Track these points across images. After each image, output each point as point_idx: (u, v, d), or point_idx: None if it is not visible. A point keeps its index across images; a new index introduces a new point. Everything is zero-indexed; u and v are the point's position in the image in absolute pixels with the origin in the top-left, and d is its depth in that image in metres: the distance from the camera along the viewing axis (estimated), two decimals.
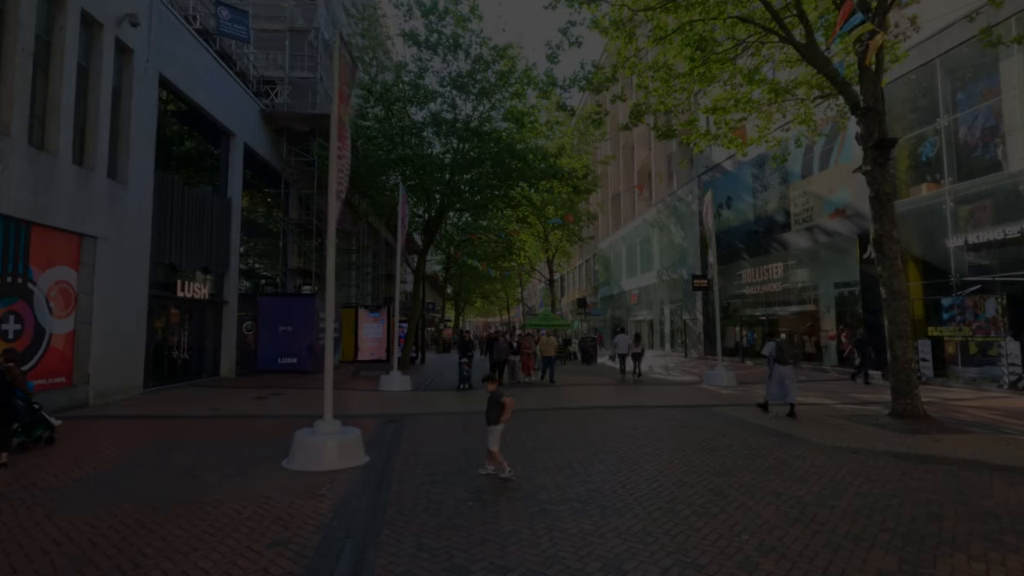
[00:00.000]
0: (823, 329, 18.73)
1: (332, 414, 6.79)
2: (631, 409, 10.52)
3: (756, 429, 8.33)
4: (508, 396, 5.85)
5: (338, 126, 7.15)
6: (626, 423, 8.97)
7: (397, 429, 8.66)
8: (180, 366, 14.43)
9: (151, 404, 10.90)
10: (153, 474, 6.00)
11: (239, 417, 9.65)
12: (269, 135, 19.08)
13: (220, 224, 15.87)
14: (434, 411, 10.51)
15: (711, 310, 26.23)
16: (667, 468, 6.13)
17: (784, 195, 20.24)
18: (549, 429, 8.49)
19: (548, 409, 10.61)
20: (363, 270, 29.76)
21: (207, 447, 7.30)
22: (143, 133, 12.09)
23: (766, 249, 21.33)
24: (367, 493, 5.33)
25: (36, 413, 7.18)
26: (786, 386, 9.40)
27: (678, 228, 29.72)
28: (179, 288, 14.04)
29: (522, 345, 15.96)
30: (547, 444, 7.41)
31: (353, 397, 12.60)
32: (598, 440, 7.63)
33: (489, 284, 54.13)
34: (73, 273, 10.26)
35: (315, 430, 6.58)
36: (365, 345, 18.58)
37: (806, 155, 18.98)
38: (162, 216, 13.12)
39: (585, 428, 8.56)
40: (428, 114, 19.30)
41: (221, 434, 8.17)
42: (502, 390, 5.98)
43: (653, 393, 13.22)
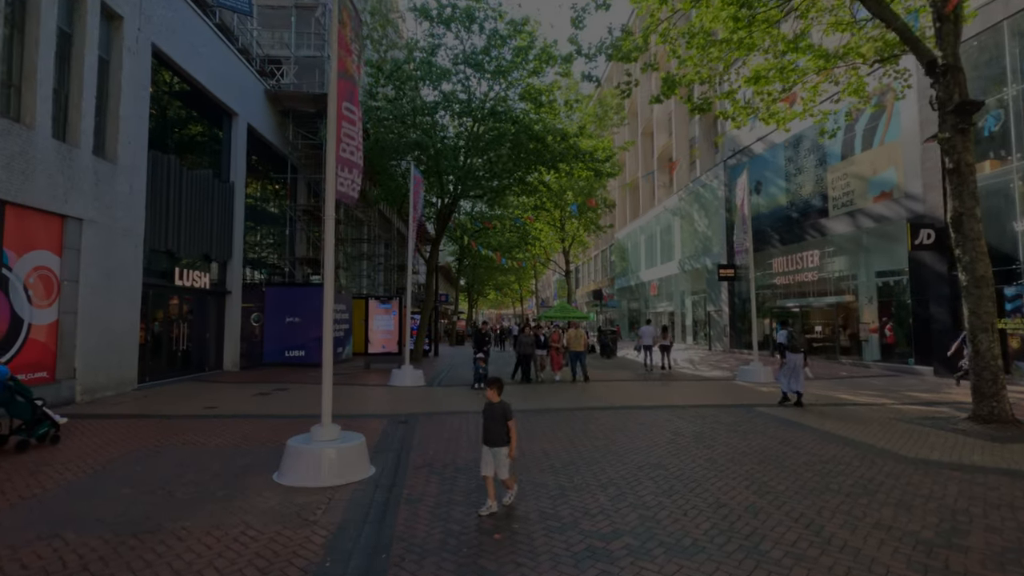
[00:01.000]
0: (863, 321, 17.44)
1: (331, 417, 5.82)
2: (667, 409, 9.45)
3: (819, 436, 7.23)
4: (512, 413, 4.63)
5: (346, 83, 6.13)
6: (666, 427, 7.91)
7: (407, 432, 7.69)
8: (179, 360, 13.61)
9: (143, 402, 10.06)
10: (121, 490, 5.08)
11: (235, 417, 8.75)
12: (274, 117, 18.16)
13: (222, 209, 14.99)
14: (448, 410, 9.53)
15: (738, 301, 25.03)
16: (731, 488, 5.08)
17: (821, 178, 18.90)
18: (579, 434, 7.47)
19: (575, 409, 9.58)
20: (374, 260, 28.90)
21: (192, 454, 6.38)
22: (135, 109, 11.19)
23: (800, 236, 20.03)
24: (370, 520, 4.35)
25: (38, 410, 6.66)
26: (796, 375, 9.60)
27: (702, 216, 28.42)
28: (178, 277, 13.20)
29: (551, 338, 14.43)
30: (581, 454, 6.38)
31: (361, 394, 11.68)
32: (640, 449, 6.58)
33: (503, 276, 53.18)
34: (55, 258, 9.40)
35: (311, 437, 5.62)
36: (376, 338, 17.69)
37: (847, 134, 17.64)
38: (158, 199, 12.25)
39: (621, 433, 7.52)
40: (441, 95, 18.23)
41: (212, 437, 7.26)
42: (507, 403, 4.64)
43: (686, 390, 12.13)
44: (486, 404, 4.66)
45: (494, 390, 4.67)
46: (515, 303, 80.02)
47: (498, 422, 4.52)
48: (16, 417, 6.56)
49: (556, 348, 14.37)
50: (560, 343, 14.36)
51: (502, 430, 4.51)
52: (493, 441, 4.51)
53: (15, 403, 6.55)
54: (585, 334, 14.08)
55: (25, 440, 6.58)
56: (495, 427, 4.52)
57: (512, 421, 4.54)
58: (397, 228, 33.61)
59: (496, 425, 4.52)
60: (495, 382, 4.73)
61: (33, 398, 6.67)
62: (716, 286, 26.23)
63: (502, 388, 4.75)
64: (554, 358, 14.29)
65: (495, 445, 4.50)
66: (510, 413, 4.56)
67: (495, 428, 4.52)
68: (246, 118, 16.02)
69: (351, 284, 26.59)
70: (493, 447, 4.51)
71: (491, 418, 4.56)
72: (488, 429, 4.55)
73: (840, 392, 11.46)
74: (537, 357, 14.11)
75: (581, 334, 14.06)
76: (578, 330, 14.09)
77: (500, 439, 4.50)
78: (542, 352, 14.25)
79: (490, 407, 4.62)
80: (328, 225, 6.02)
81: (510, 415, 4.55)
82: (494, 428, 4.53)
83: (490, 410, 4.60)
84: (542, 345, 14.26)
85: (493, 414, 4.56)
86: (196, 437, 7.27)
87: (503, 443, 4.49)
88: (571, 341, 14.06)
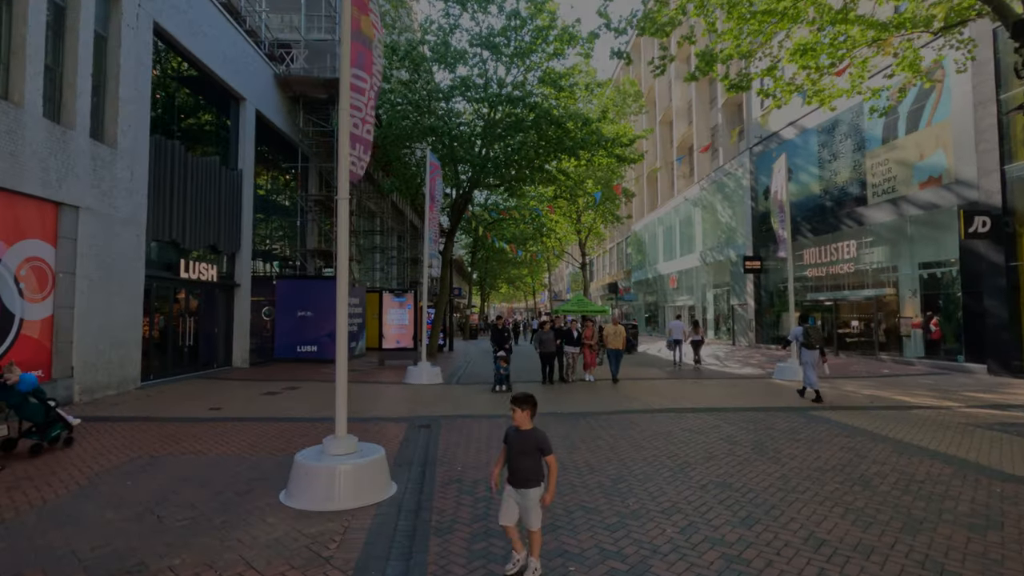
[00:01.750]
0: (903, 316, 16.42)
1: (346, 426, 5.08)
2: (712, 413, 8.62)
3: (895, 446, 6.37)
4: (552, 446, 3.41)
5: (358, 46, 5.35)
6: (717, 433, 7.09)
7: (430, 438, 6.95)
8: (186, 356, 12.99)
9: (145, 402, 9.42)
10: (106, 514, 4.37)
11: (241, 420, 8.06)
12: (284, 103, 17.45)
13: (230, 199, 14.33)
14: (472, 412, 8.78)
15: (764, 294, 24.03)
16: (823, 516, 4.25)
17: (859, 164, 17.83)
18: (623, 443, 6.67)
19: (611, 413, 8.78)
20: (387, 253, 28.23)
21: (191, 466, 5.68)
22: (135, 90, 10.50)
23: (834, 226, 18.98)
24: (394, 557, 3.60)
25: (51, 411, 6.28)
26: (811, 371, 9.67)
27: (725, 206, 27.37)
28: (183, 269, 12.55)
29: (584, 334, 12.83)
30: (630, 468, 5.59)
31: (376, 393, 10.97)
32: (696, 462, 5.78)
33: (515, 269, 52.39)
34: (50, 249, 8.75)
35: (324, 450, 4.88)
36: (390, 332, 17.00)
37: (889, 116, 16.55)
38: (161, 187, 11.59)
39: (668, 441, 6.71)
40: (457, 79, 17.42)
41: (214, 445, 6.56)
42: (542, 432, 3.42)
43: (724, 391, 11.28)
44: (512, 430, 3.45)
45: (526, 412, 3.39)
46: (527, 297, 79.27)
47: (530, 456, 3.34)
48: (28, 419, 6.14)
49: (590, 345, 12.88)
50: (594, 340, 12.96)
51: (536, 467, 3.35)
52: (522, 480, 3.32)
53: (28, 405, 6.12)
54: (625, 330, 12.88)
55: (39, 444, 6.15)
56: (527, 463, 3.33)
57: (552, 457, 3.37)
58: (410, 220, 32.92)
59: (528, 460, 3.34)
60: (526, 401, 3.41)
61: (47, 398, 6.31)
62: (741, 279, 25.22)
63: (536, 409, 3.47)
64: (587, 356, 12.88)
65: (525, 486, 3.31)
66: (548, 446, 3.37)
67: (527, 464, 3.33)
68: (254, 103, 15.31)
69: (364, 277, 25.96)
70: (521, 488, 3.32)
71: (522, 450, 3.36)
72: (516, 465, 3.34)
73: (892, 392, 10.55)
74: (568, 355, 12.76)
75: (620, 330, 12.61)
76: (617, 326, 12.67)
77: (532, 478, 3.32)
78: (574, 349, 12.78)
79: (519, 436, 3.40)
80: (342, 208, 5.25)
81: (548, 448, 3.36)
82: (525, 464, 3.33)
83: (520, 439, 3.39)
84: (574, 341, 12.75)
85: (524, 445, 3.36)
86: (197, 444, 6.57)
87: (536, 483, 3.33)
88: (609, 338, 12.55)
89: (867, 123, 17.37)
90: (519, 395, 3.45)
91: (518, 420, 3.40)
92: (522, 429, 3.41)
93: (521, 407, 3.40)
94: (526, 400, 3.42)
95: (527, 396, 3.45)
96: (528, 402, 3.42)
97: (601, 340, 12.82)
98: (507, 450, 3.44)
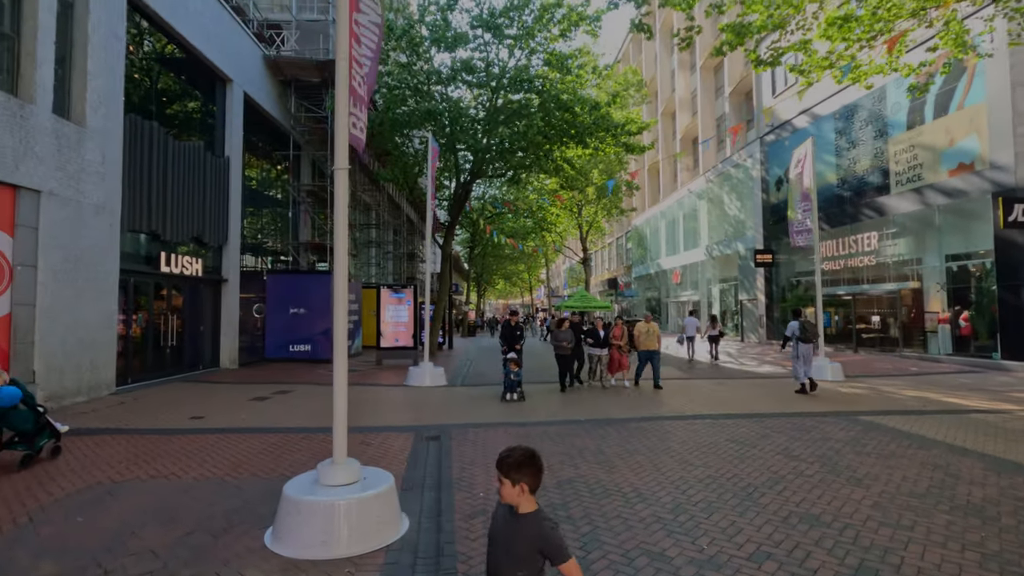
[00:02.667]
0: (929, 311, 15.61)
1: (346, 448, 4.14)
2: (751, 419, 7.74)
3: (990, 463, 5.49)
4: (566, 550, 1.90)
5: None
6: (768, 445, 6.20)
7: (441, 453, 6.02)
8: (168, 357, 11.98)
9: (117, 410, 8.44)
10: (41, 566, 3.43)
11: (224, 432, 7.11)
12: (275, 87, 16.41)
13: (217, 187, 13.31)
14: (484, 421, 7.85)
15: (776, 289, 23.22)
16: (958, 566, 3.36)
17: (881, 151, 16.99)
18: (666, 457, 5.77)
19: (641, 420, 7.88)
20: (384, 247, 27.23)
21: (158, 495, 4.73)
22: (106, 63, 9.47)
23: (853, 217, 18.15)
24: None
25: (40, 418, 5.66)
26: (808, 363, 10.04)
27: (733, 198, 26.52)
28: (164, 262, 11.54)
29: (612, 334, 11.00)
30: (687, 494, 4.68)
31: (376, 397, 10.03)
32: (762, 484, 4.88)
33: (512, 265, 51.46)
34: (6, 238, 7.74)
35: (319, 478, 3.95)
36: (388, 330, 16.04)
37: (914, 101, 15.70)
38: (139, 172, 10.56)
39: (717, 455, 5.82)
40: (458, 61, 16.43)
41: (190, 465, 5.62)
42: (547, 519, 1.95)
43: (752, 392, 10.40)
44: (497, 511, 2.07)
45: (519, 484, 1.94)
46: (524, 293, 78.30)
47: (524, 563, 1.92)
48: (14, 428, 5.49)
49: (618, 347, 11.01)
50: (623, 340, 11.14)
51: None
52: None
53: (16, 412, 5.45)
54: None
55: (30, 454, 5.54)
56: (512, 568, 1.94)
57: (571, 564, 1.88)
58: (407, 214, 31.89)
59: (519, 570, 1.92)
60: (520, 465, 1.95)
61: (36, 404, 5.69)
62: (750, 273, 24.40)
63: (539, 476, 1.99)
64: (615, 359, 11.00)
65: None
66: (558, 547, 1.89)
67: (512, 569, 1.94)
68: (242, 85, 14.28)
69: (360, 272, 24.97)
70: None
71: (508, 550, 1.96)
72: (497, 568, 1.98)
73: (934, 392, 9.71)
74: (595, 359, 11.24)
75: (654, 329, 10.98)
76: (650, 324, 11.05)
77: None
78: (601, 351, 11.14)
79: (506, 525, 1.98)
80: (340, 181, 4.30)
81: (559, 552, 1.89)
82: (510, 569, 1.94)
83: (507, 531, 1.98)
84: (601, 342, 11.06)
85: (513, 543, 1.95)
86: (171, 464, 5.62)
87: None
88: (641, 337, 10.88)
89: (890, 108, 16.52)
90: (508, 455, 1.98)
91: (506, 496, 1.96)
92: (514, 512, 1.97)
93: (509, 474, 1.94)
94: (520, 463, 1.94)
95: (522, 457, 1.96)
96: (523, 467, 1.94)
97: (631, 341, 11.33)
98: (490, 545, 2.04)
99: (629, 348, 10.99)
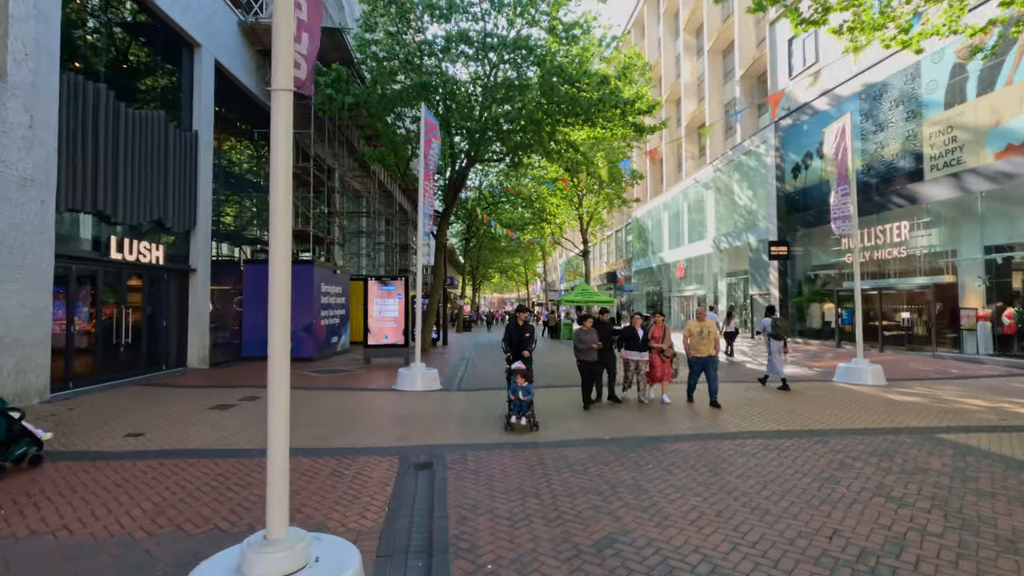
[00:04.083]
0: (966, 307, 14.33)
1: (287, 518, 2.75)
2: (811, 438, 6.37)
3: None
4: None
5: None
6: (856, 482, 4.84)
7: (431, 491, 4.63)
8: (123, 357, 10.51)
9: (42, 426, 6.97)
10: None
11: (163, 456, 5.68)
12: (252, 58, 14.86)
13: (182, 165, 11.80)
14: (485, 441, 6.45)
15: (791, 283, 21.92)
16: None
17: (914, 134, 15.65)
18: (726, 501, 4.40)
19: (676, 440, 6.51)
20: (375, 237, 25.74)
21: (53, 561, 3.31)
22: (36, 6, 7.95)
23: (880, 205, 16.84)
24: None
25: (14, 424, 5.14)
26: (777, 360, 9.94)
27: (743, 187, 25.16)
28: (115, 248, 10.05)
29: (651, 334, 8.67)
30: (777, 567, 3.31)
31: (359, 404, 8.61)
32: (880, 551, 3.51)
33: (508, 258, 50.04)
34: None
35: (240, 568, 2.54)
36: (377, 326, 14.61)
37: (953, 77, 14.37)
38: (82, 141, 9.05)
39: (797, 499, 4.45)
40: (453, 29, 14.94)
41: (99, 511, 4.20)
42: None
43: (795, 400, 9.01)
44: None
45: None
46: (520, 287, 76.85)
47: None
48: None
49: (661, 351, 8.56)
50: (666, 343, 8.63)
51: None
52: None
53: None
54: (716, 327, 9.27)
55: (2, 466, 4.99)
56: None
57: None
58: (399, 203, 30.38)
59: None
60: None
61: (7, 409, 5.14)
62: (762, 266, 23.09)
63: None
64: (657, 367, 8.58)
65: None
66: None
67: None
68: (212, 52, 12.73)
69: (349, 263, 23.49)
70: None
71: None
72: None
73: (1005, 402, 8.39)
74: (631, 366, 8.78)
75: (710, 328, 8.49)
76: (704, 323, 8.55)
77: None
78: (640, 356, 8.68)
79: None
80: (280, 108, 2.90)
81: None
82: None
83: None
84: (639, 344, 8.67)
85: None
86: (68, 512, 4.19)
87: None
88: (693, 339, 8.46)
89: (925, 86, 15.17)
90: None
91: None
92: None
93: None
94: None
95: None
96: None
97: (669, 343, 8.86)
98: None
99: (673, 352, 8.70)
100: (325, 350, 15.87)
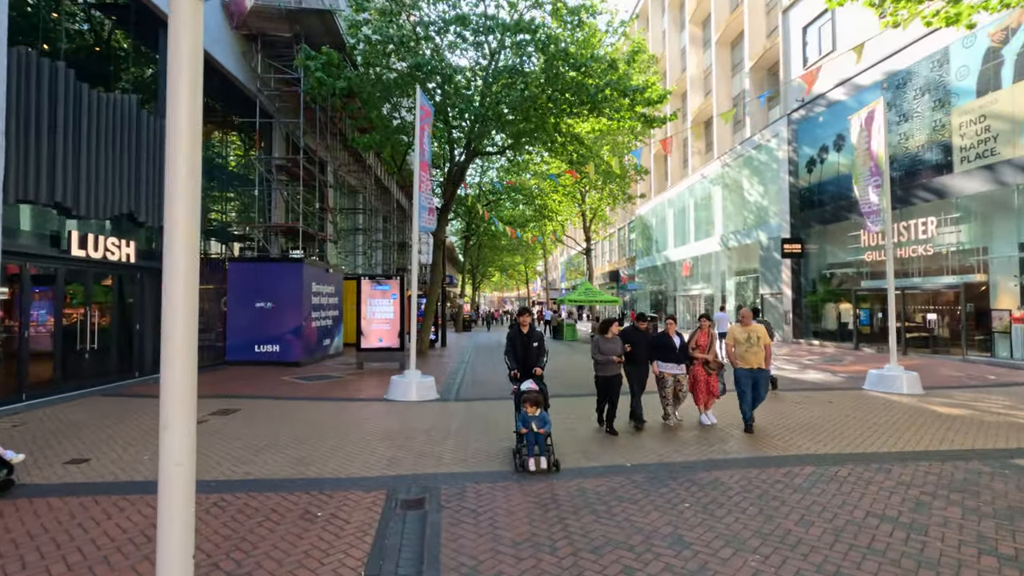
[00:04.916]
0: (998, 308, 13.41)
1: None
2: (872, 466, 5.46)
3: None
4: None
5: None
6: (948, 530, 3.93)
7: (421, 543, 3.70)
8: (87, 364, 9.58)
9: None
10: None
11: (102, 491, 4.77)
12: (237, 42, 13.93)
13: (157, 154, 10.87)
14: (489, 466, 5.54)
15: (804, 282, 20.99)
16: None
17: (941, 124, 14.71)
18: (789, 558, 3.49)
19: (711, 468, 5.59)
20: (371, 235, 24.81)
21: None
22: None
23: (903, 200, 15.89)
24: None
25: None
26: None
27: (754, 183, 24.23)
28: (78, 245, 9.12)
29: (696, 341, 7.31)
30: None
31: (346, 418, 7.68)
32: None
33: (509, 256, 49.09)
34: None
35: None
36: (370, 328, 13.69)
37: (986, 62, 13.44)
38: (35, 125, 8.11)
39: (880, 556, 3.53)
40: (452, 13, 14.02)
41: (9, 574, 3.29)
42: None
43: (831, 414, 8.08)
44: None
45: None
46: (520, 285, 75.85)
47: None
48: None
49: (705, 362, 7.24)
50: (711, 353, 7.31)
51: None
52: None
53: None
54: (768, 331, 7.63)
55: None
56: None
57: None
58: (397, 200, 29.44)
59: None
60: None
61: None
62: (774, 265, 22.16)
63: None
64: (701, 381, 7.19)
65: None
66: None
67: None
68: None
69: (343, 262, 22.55)
70: None
71: None
72: None
73: None
74: (668, 381, 7.14)
75: (760, 332, 6.83)
76: (751, 326, 6.90)
77: None
78: (678, 370, 7.19)
79: None
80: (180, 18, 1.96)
81: None
82: None
83: None
84: (677, 355, 7.17)
85: None
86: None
87: None
88: (739, 348, 6.84)
89: (955, 73, 14.23)
90: None
91: None
92: None
93: None
94: None
95: None
96: None
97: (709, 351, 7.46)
98: None
99: (719, 365, 7.24)
100: (316, 353, 14.96)
